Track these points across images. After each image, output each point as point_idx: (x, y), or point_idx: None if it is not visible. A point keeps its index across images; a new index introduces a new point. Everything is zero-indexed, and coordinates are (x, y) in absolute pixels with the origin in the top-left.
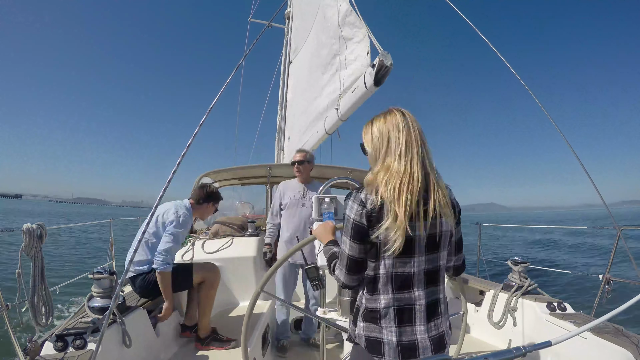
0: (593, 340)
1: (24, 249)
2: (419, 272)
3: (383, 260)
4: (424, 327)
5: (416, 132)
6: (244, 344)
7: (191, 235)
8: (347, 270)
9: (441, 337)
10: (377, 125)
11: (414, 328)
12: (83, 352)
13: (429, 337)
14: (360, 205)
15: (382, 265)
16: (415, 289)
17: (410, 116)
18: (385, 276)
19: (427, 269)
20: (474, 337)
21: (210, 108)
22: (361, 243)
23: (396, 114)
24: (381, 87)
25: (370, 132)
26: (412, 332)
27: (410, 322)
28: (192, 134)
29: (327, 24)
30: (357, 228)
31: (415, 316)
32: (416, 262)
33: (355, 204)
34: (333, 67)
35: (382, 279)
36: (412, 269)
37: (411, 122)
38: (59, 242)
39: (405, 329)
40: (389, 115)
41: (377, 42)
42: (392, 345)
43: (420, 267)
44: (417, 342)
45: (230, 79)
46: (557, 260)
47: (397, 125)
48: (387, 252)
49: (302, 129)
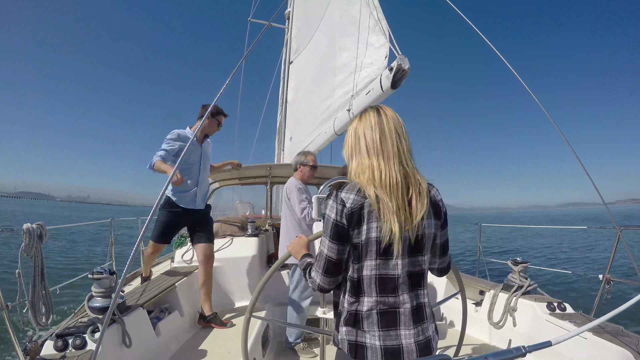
0: (593, 340)
1: (24, 249)
2: (403, 275)
3: (366, 262)
4: (409, 332)
5: (392, 131)
6: (243, 344)
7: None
8: (323, 271)
9: (428, 342)
10: (353, 124)
11: (399, 332)
12: (83, 352)
13: (415, 342)
14: (341, 204)
15: (365, 267)
16: (399, 292)
17: (388, 114)
18: (369, 278)
19: (410, 272)
20: (474, 337)
21: (210, 108)
22: (341, 243)
23: (371, 112)
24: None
25: (352, 129)
26: (397, 337)
27: (395, 326)
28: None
29: (347, 29)
30: (337, 228)
31: (400, 320)
32: (400, 264)
33: (335, 204)
34: (346, 69)
35: (366, 280)
36: (396, 272)
37: (387, 120)
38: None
39: (389, 332)
40: (364, 114)
41: (396, 46)
42: (375, 350)
43: (404, 270)
44: (401, 347)
45: (230, 79)
46: (557, 260)
47: (371, 124)
48: (373, 254)
49: (308, 129)
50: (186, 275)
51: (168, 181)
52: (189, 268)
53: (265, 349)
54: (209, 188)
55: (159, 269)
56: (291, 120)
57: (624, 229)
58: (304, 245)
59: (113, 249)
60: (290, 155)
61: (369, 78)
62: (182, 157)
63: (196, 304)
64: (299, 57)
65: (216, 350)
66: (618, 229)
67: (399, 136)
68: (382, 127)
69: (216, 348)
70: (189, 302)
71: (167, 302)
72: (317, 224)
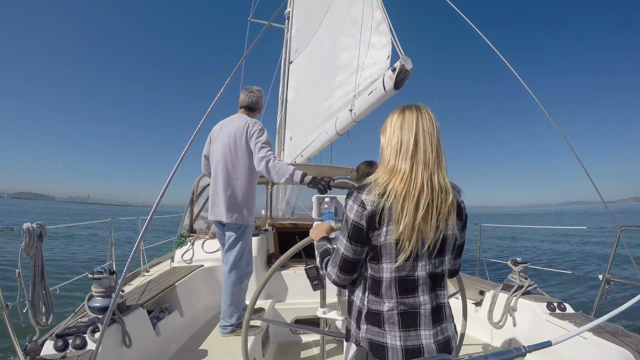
0: (593, 340)
1: (24, 248)
2: (425, 276)
3: (387, 264)
4: (429, 332)
5: (425, 134)
6: (243, 344)
7: (191, 235)
8: (339, 268)
9: (447, 342)
10: (391, 121)
11: (419, 332)
12: (83, 352)
13: (435, 342)
14: (361, 206)
15: (385, 269)
16: (419, 293)
17: (426, 115)
18: (389, 280)
19: (431, 273)
20: (474, 337)
21: (210, 108)
22: (358, 245)
23: (411, 112)
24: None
25: (387, 127)
26: (417, 337)
27: (415, 327)
28: (192, 134)
29: (349, 29)
30: (355, 230)
31: (420, 320)
32: (421, 266)
33: (355, 205)
34: (348, 70)
35: (386, 282)
36: (417, 273)
37: (424, 123)
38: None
39: (410, 333)
40: (403, 112)
41: (399, 47)
42: (396, 350)
43: (425, 271)
44: (422, 347)
45: (230, 79)
46: (556, 260)
47: (410, 124)
48: (393, 257)
49: (309, 129)
50: (186, 275)
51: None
52: (189, 268)
53: (265, 349)
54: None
55: (158, 269)
56: (291, 120)
57: (624, 228)
58: (325, 229)
59: (113, 249)
60: (291, 155)
61: (372, 78)
62: None
63: (196, 304)
64: (299, 57)
65: (216, 350)
66: (618, 229)
67: (432, 143)
68: (418, 131)
69: (216, 348)
70: (189, 302)
71: (167, 302)
72: (316, 224)
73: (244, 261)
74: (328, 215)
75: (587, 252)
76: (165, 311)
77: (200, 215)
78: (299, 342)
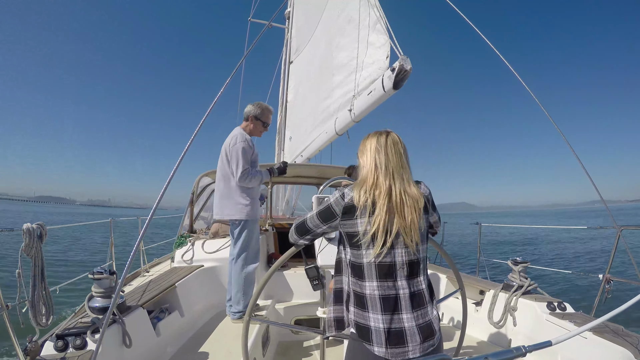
0: (593, 340)
1: (24, 248)
2: (401, 263)
3: (365, 250)
4: (410, 315)
5: (401, 156)
6: (244, 343)
7: (191, 235)
8: (295, 227)
9: (429, 325)
10: (370, 142)
11: (401, 316)
12: (83, 352)
13: (417, 325)
14: (341, 197)
15: (364, 254)
16: (398, 278)
17: (398, 141)
18: (369, 265)
19: (407, 260)
20: (474, 337)
21: (210, 108)
22: (322, 222)
23: (382, 137)
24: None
25: (364, 150)
26: (399, 320)
27: (397, 311)
28: (192, 135)
29: (344, 28)
30: (327, 211)
31: (401, 305)
32: (398, 253)
33: (337, 194)
34: (346, 70)
35: (367, 267)
36: (395, 259)
37: (397, 146)
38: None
39: (392, 316)
40: (376, 137)
41: (398, 47)
42: (379, 332)
43: (400, 258)
44: (404, 330)
45: (230, 79)
46: (556, 260)
47: (380, 146)
48: (372, 245)
49: (308, 129)
50: (186, 276)
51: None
52: (189, 268)
53: (265, 349)
54: (208, 187)
55: (158, 269)
56: (291, 120)
57: (624, 228)
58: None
59: (113, 249)
60: (291, 155)
61: (371, 78)
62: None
63: (196, 304)
64: (299, 57)
65: (216, 350)
66: (618, 229)
67: (401, 161)
68: (387, 152)
69: (216, 348)
70: (189, 302)
71: (167, 302)
72: None
73: (249, 252)
74: None
75: (588, 252)
76: (165, 311)
77: (200, 216)
78: (299, 342)
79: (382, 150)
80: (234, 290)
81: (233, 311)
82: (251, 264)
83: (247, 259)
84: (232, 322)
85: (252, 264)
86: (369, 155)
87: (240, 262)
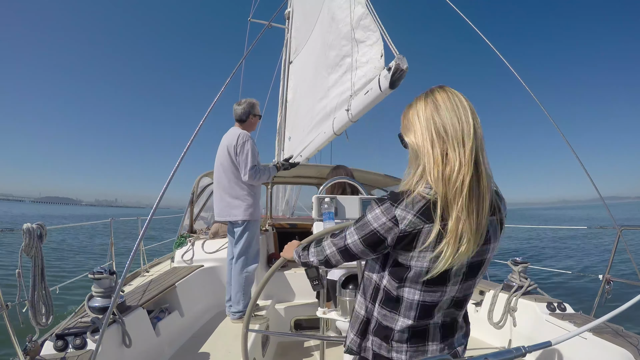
0: (593, 340)
1: (24, 248)
2: (447, 300)
3: (412, 286)
4: (436, 347)
5: (470, 119)
6: (243, 344)
7: (191, 235)
8: (338, 249)
9: (454, 355)
10: (417, 112)
11: (427, 348)
12: (83, 352)
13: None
14: (391, 221)
15: (408, 290)
16: (436, 314)
17: (458, 93)
18: (410, 302)
19: (456, 298)
20: (474, 337)
21: (210, 108)
22: (369, 248)
23: (444, 90)
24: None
25: (413, 117)
26: (424, 352)
27: (423, 342)
28: (192, 134)
29: (336, 25)
30: (374, 238)
31: (429, 335)
32: (448, 290)
33: (384, 218)
34: (341, 69)
35: (406, 304)
36: (441, 298)
37: (467, 105)
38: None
39: (417, 348)
40: (432, 95)
41: (392, 45)
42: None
43: (450, 295)
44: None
45: (230, 79)
46: (556, 260)
47: (449, 102)
48: (423, 279)
49: (306, 129)
50: (186, 276)
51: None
52: (189, 268)
53: (265, 349)
54: (208, 188)
55: (158, 269)
56: (290, 120)
57: (624, 228)
58: (295, 246)
59: (113, 249)
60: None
61: (366, 77)
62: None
63: (196, 304)
64: (298, 57)
65: (216, 350)
66: (618, 229)
67: (475, 120)
68: (463, 114)
69: (216, 348)
70: (189, 302)
71: (167, 302)
72: (316, 224)
73: (250, 253)
74: (328, 216)
75: (588, 251)
76: (165, 311)
77: (200, 216)
78: (299, 342)
79: (458, 114)
80: (234, 291)
81: (233, 311)
82: (251, 264)
83: (248, 259)
84: (232, 322)
85: (252, 264)
86: (439, 125)
87: (240, 262)
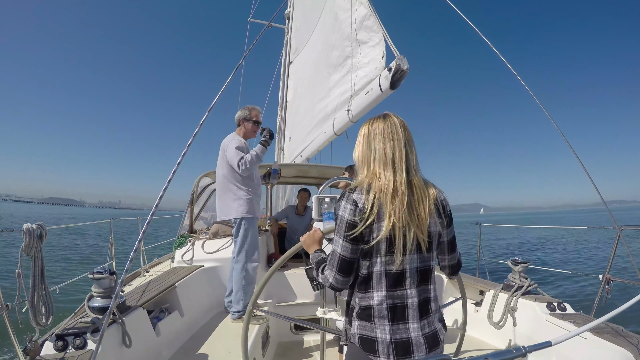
0: (593, 340)
1: (24, 249)
2: (411, 270)
3: (376, 258)
4: (417, 325)
5: (400, 142)
6: (243, 343)
7: (191, 235)
8: (337, 270)
9: (435, 335)
10: (363, 130)
11: (407, 326)
12: (83, 352)
13: (423, 335)
14: (353, 204)
15: (375, 262)
16: (407, 286)
17: (397, 123)
18: (379, 273)
19: (418, 267)
20: (474, 337)
21: (210, 108)
22: (354, 242)
23: (384, 120)
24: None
25: (361, 136)
26: (406, 330)
27: (404, 320)
28: (192, 134)
29: (339, 26)
30: (351, 227)
31: (408, 314)
32: (407, 259)
33: (348, 204)
34: (343, 69)
35: (376, 276)
36: (404, 266)
37: (397, 130)
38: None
39: (399, 326)
40: (376, 121)
41: (393, 46)
42: (385, 344)
43: (412, 265)
44: (410, 340)
45: (230, 79)
46: (556, 260)
47: (383, 132)
48: (383, 251)
49: (306, 129)
50: (186, 276)
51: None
52: (189, 268)
53: (265, 349)
54: (208, 188)
55: (158, 269)
56: (290, 120)
57: (624, 228)
58: (317, 240)
59: (113, 249)
60: (290, 155)
61: (367, 78)
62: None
63: (196, 304)
64: (298, 57)
65: (216, 350)
66: (618, 229)
67: (407, 147)
68: (393, 138)
69: (216, 348)
70: (189, 302)
71: (167, 302)
72: (316, 224)
73: (246, 249)
74: (328, 215)
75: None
76: (165, 311)
77: (200, 216)
78: (299, 342)
79: (386, 139)
80: (234, 290)
81: (233, 311)
82: (252, 264)
83: (247, 257)
84: (232, 322)
85: (251, 262)
86: (373, 148)
87: (240, 260)
